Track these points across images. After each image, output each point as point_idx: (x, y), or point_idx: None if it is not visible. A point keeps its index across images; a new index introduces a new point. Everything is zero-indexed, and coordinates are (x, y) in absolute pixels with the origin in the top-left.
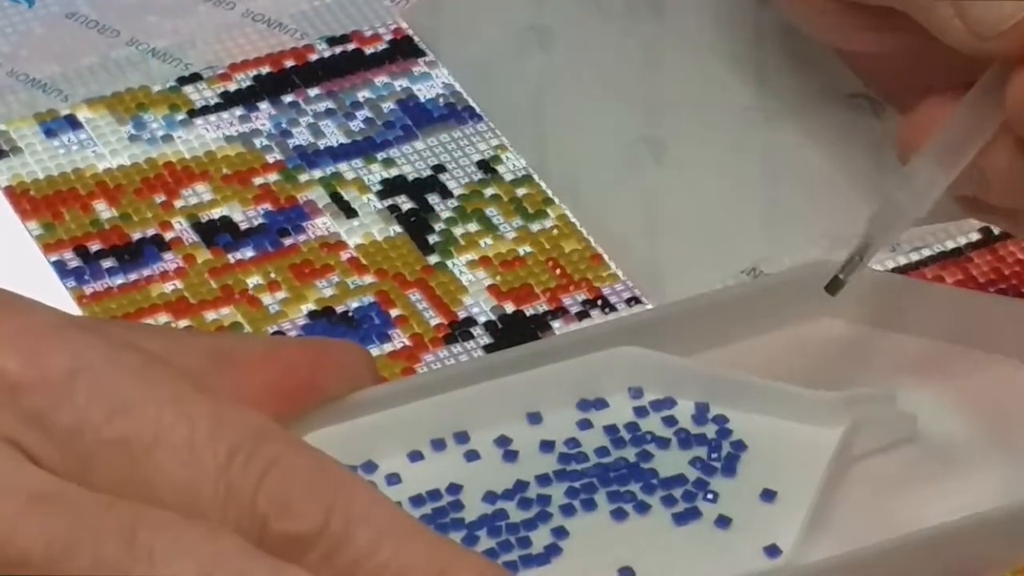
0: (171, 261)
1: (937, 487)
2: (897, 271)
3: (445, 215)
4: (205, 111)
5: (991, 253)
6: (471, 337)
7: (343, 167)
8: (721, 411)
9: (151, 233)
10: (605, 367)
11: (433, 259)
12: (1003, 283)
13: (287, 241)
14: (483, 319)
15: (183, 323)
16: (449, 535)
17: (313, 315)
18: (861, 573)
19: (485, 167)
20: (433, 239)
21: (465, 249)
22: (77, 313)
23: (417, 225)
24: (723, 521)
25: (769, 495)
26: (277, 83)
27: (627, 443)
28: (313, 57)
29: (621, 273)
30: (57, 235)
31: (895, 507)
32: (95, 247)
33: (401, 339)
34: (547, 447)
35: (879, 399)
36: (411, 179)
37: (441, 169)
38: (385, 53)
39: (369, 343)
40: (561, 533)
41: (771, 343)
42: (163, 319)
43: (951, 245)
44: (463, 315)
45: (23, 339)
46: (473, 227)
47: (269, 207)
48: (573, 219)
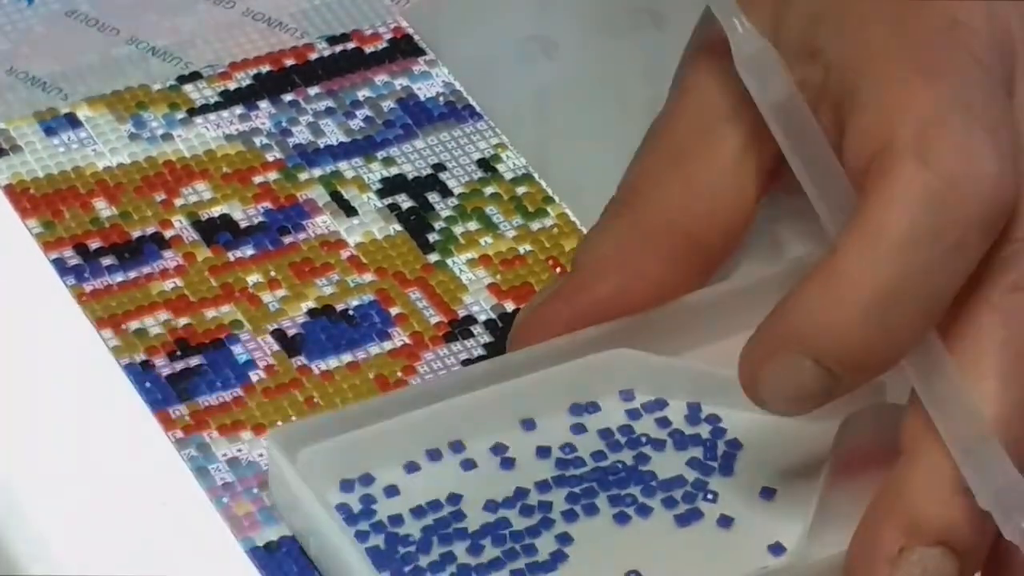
0: (171, 259)
1: None
2: None
3: (445, 214)
4: (205, 110)
5: None
6: (471, 336)
7: (343, 166)
8: (713, 410)
9: (151, 231)
10: (595, 370)
11: (433, 258)
12: None
13: (287, 239)
14: (483, 318)
15: (183, 321)
16: (453, 545)
17: (313, 313)
18: None
19: (485, 166)
20: (433, 238)
21: (465, 248)
22: (76, 312)
23: (417, 224)
24: (725, 521)
25: (768, 493)
26: (277, 82)
27: (623, 446)
28: (313, 56)
29: None
30: (57, 233)
31: None
32: (95, 245)
33: (401, 337)
34: (543, 453)
35: (870, 389)
36: (411, 178)
37: (441, 168)
38: (385, 52)
39: (369, 341)
40: (565, 539)
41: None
42: (163, 317)
43: None
44: (463, 313)
45: None
46: (473, 226)
47: (269, 205)
48: (573, 218)
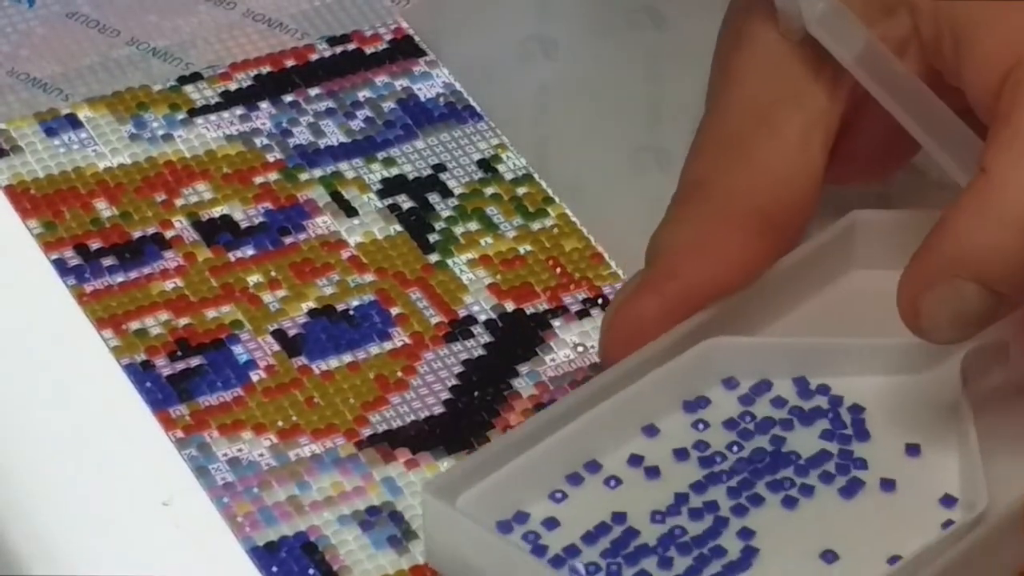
0: (171, 259)
1: None
2: None
3: (445, 214)
4: (205, 110)
5: None
6: (471, 336)
7: (343, 166)
8: (820, 380)
9: (151, 231)
10: (694, 364)
11: (433, 258)
12: None
13: (287, 240)
14: (483, 318)
15: (183, 321)
16: (643, 563)
17: (313, 313)
18: None
19: (485, 166)
20: (433, 238)
21: (465, 248)
22: (76, 312)
23: (417, 224)
24: (887, 484)
25: (913, 449)
26: (278, 82)
27: (754, 433)
28: (314, 57)
29: (622, 272)
30: (57, 233)
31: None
32: (95, 245)
33: (401, 337)
34: (681, 455)
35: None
36: (411, 178)
37: (441, 168)
38: (385, 53)
39: (369, 341)
40: (747, 534)
41: (816, 306)
42: (164, 317)
43: None
44: (463, 313)
45: None
46: (473, 226)
47: (269, 206)
48: (573, 218)
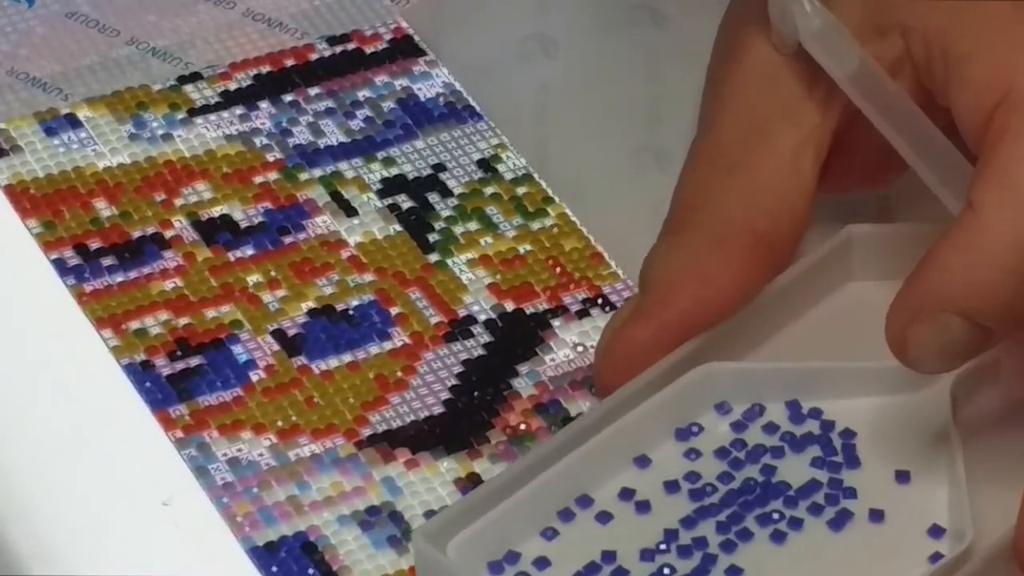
0: (171, 259)
1: None
2: None
3: (445, 214)
4: (205, 110)
5: None
6: (471, 335)
7: (343, 166)
8: (812, 404)
9: (151, 231)
10: (687, 391)
11: (433, 257)
12: None
13: (287, 239)
14: (483, 317)
15: (183, 321)
16: None
17: (313, 313)
18: None
19: (485, 166)
20: (433, 238)
21: (465, 248)
22: (76, 312)
23: (417, 224)
24: (876, 515)
25: (904, 476)
26: (277, 82)
27: (744, 462)
28: (313, 56)
29: (621, 272)
30: (57, 233)
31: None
32: (95, 245)
33: (401, 337)
34: (672, 488)
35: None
36: (411, 178)
37: (441, 168)
38: (385, 52)
39: (369, 341)
40: (735, 572)
41: (809, 324)
42: (163, 317)
43: None
44: (463, 313)
45: None
46: (473, 226)
47: (269, 205)
48: (573, 218)
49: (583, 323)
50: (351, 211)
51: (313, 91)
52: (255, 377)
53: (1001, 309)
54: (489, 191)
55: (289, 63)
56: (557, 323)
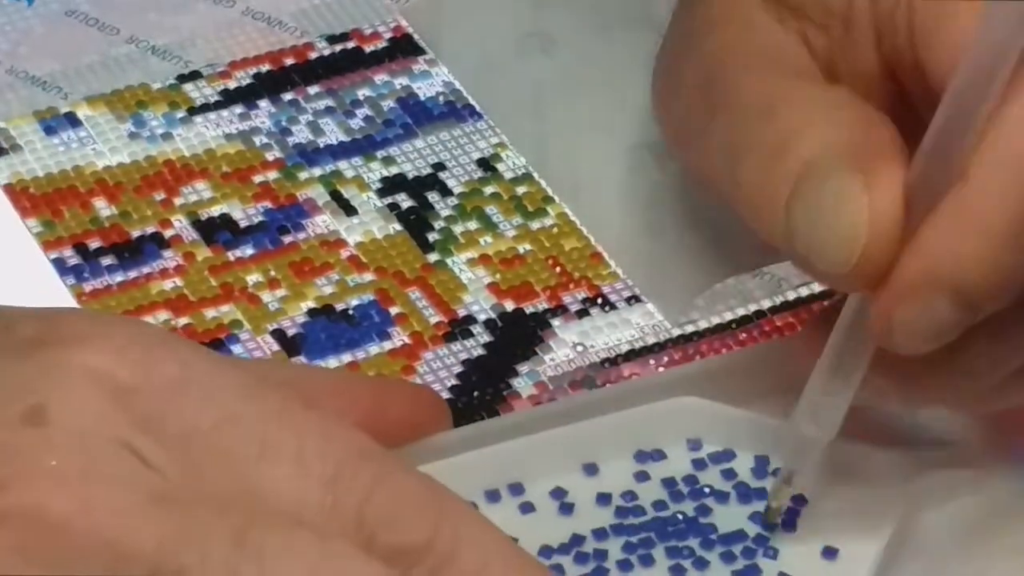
0: (171, 259)
1: (1006, 540)
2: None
3: (445, 213)
4: (205, 109)
5: None
6: (471, 335)
7: (343, 165)
8: (781, 464)
9: (151, 231)
10: (662, 418)
11: (433, 257)
12: None
13: (287, 239)
14: (483, 317)
15: (183, 320)
16: None
17: (313, 313)
18: None
19: (485, 165)
20: (433, 237)
21: (465, 247)
22: None
23: (417, 223)
24: None
25: (831, 553)
26: (277, 81)
27: (685, 496)
28: (313, 55)
29: (621, 272)
30: (57, 233)
31: (963, 562)
32: (95, 245)
33: (401, 337)
34: (604, 500)
35: (941, 448)
36: (411, 177)
37: (441, 167)
38: (385, 51)
39: (368, 341)
40: None
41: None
42: (163, 317)
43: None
44: (463, 313)
45: (134, 348)
46: (473, 225)
47: (269, 205)
48: (573, 217)
49: (583, 323)
50: (351, 210)
51: (313, 90)
52: None
53: (989, 284)
54: (489, 190)
55: (289, 62)
56: (557, 323)
